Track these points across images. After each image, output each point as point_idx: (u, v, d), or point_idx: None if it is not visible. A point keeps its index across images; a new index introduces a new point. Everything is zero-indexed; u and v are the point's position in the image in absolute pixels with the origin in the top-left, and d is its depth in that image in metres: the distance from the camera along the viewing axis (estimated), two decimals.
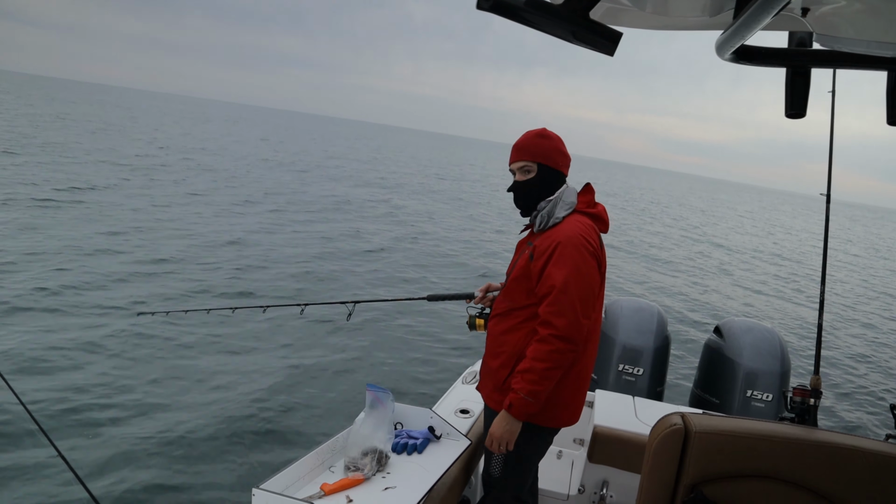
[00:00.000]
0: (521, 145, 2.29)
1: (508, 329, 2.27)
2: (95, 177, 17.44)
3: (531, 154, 2.26)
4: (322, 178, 26.83)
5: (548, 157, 2.26)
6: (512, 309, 2.27)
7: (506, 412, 2.12)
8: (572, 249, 2.09)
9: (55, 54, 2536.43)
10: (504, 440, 2.14)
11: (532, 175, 2.26)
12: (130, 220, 12.56)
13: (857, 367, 9.67)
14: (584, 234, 2.15)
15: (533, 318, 2.19)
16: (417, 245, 14.25)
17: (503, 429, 2.13)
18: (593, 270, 2.13)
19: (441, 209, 21.83)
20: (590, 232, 2.18)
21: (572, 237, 2.11)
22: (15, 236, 10.01)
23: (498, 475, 2.33)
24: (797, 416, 2.26)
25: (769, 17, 0.78)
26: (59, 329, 6.56)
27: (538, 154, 2.26)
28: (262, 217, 15.14)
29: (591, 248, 2.13)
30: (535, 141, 2.28)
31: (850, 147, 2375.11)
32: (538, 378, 2.04)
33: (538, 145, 2.27)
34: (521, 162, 2.27)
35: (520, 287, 2.24)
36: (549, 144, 2.28)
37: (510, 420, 2.12)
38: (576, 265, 2.08)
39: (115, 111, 62.50)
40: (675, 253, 19.57)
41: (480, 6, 0.88)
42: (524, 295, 2.22)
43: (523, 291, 2.22)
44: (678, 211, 37.82)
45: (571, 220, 2.19)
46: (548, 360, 2.04)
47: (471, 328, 2.64)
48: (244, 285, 9.07)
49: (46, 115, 40.21)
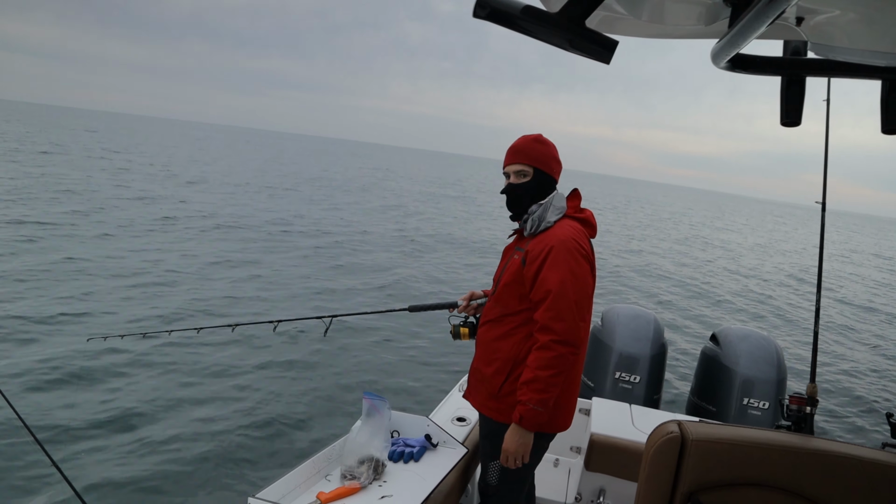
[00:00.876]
0: (519, 148, 2.29)
1: (501, 335, 2.26)
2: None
3: (528, 158, 2.27)
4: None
5: (543, 163, 2.27)
6: (504, 315, 2.26)
7: (517, 426, 2.10)
8: (566, 253, 2.10)
9: (59, 83, 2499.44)
10: (519, 454, 2.12)
11: (528, 179, 2.26)
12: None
13: (854, 375, 9.68)
14: (576, 237, 2.16)
15: (526, 323, 2.19)
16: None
17: (517, 443, 2.11)
18: (587, 274, 2.15)
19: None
20: (581, 236, 2.20)
21: (565, 241, 2.12)
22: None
23: (495, 483, 2.31)
24: (793, 424, 2.26)
25: (764, 26, 0.79)
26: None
27: (534, 158, 2.26)
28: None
29: (583, 252, 2.15)
30: (533, 145, 2.29)
31: (850, 156, 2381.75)
32: (544, 386, 2.03)
33: (535, 150, 2.28)
34: (518, 165, 2.27)
35: (511, 292, 2.23)
36: (546, 150, 2.29)
37: (522, 433, 2.10)
38: (570, 269, 2.08)
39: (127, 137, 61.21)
40: (671, 261, 19.62)
41: (477, 14, 0.88)
42: (516, 300, 2.22)
43: (515, 297, 2.22)
44: (673, 221, 37.93)
45: (563, 225, 2.20)
46: (552, 366, 2.03)
47: (455, 338, 2.61)
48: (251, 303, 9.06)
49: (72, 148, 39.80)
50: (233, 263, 11.18)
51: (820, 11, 1.03)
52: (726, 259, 22.58)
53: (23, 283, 8.34)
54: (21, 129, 50.87)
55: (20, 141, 36.57)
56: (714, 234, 33.53)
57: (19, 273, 8.83)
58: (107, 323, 7.27)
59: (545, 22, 0.89)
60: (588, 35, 0.90)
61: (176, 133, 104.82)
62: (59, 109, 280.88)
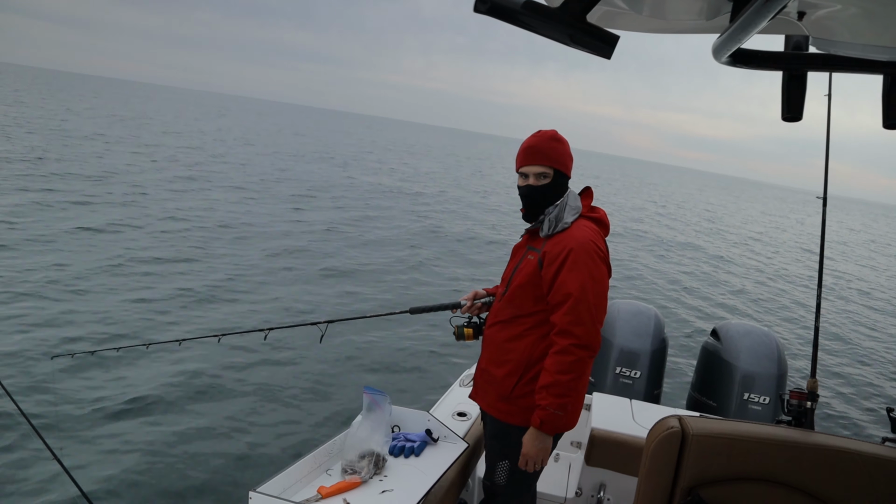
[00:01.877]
0: (538, 149, 2.21)
1: (514, 336, 2.23)
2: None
3: (548, 159, 2.20)
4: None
5: (562, 163, 2.22)
6: (517, 316, 2.23)
7: (536, 430, 2.09)
8: (585, 256, 2.07)
9: (74, 49, 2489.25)
10: (539, 458, 2.13)
11: (548, 181, 2.20)
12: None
13: (854, 370, 9.69)
14: (594, 239, 2.14)
15: (541, 325, 2.17)
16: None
17: (537, 447, 2.11)
18: (605, 276, 2.13)
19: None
20: (598, 237, 2.17)
21: (584, 243, 2.09)
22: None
23: (503, 483, 2.29)
24: (794, 418, 2.27)
25: (765, 21, 0.79)
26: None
27: (554, 160, 2.20)
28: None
29: (601, 254, 2.13)
30: (552, 145, 2.22)
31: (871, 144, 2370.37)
32: (565, 391, 2.03)
33: (555, 150, 2.21)
34: (539, 167, 2.20)
35: (526, 294, 2.20)
36: (564, 149, 2.24)
37: (543, 437, 2.10)
38: (590, 272, 2.07)
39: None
40: (673, 253, 19.61)
41: (477, 9, 0.88)
42: (531, 302, 2.19)
43: (530, 298, 2.19)
44: (679, 208, 37.88)
45: (580, 226, 2.17)
46: (571, 370, 2.02)
47: (458, 338, 2.57)
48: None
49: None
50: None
51: (821, 6, 1.03)
52: (734, 252, 22.56)
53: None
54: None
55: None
56: (724, 221, 33.49)
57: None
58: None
59: (546, 17, 0.89)
60: (589, 30, 0.90)
61: (213, 105, 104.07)
62: (91, 78, 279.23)
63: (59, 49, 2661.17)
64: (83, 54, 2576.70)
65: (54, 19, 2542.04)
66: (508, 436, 2.25)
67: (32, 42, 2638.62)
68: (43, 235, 10.29)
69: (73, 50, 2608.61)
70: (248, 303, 8.53)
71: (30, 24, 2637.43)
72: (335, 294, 9.57)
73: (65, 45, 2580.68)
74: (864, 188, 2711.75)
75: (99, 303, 7.67)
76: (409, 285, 10.80)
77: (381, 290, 10.12)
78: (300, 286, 9.72)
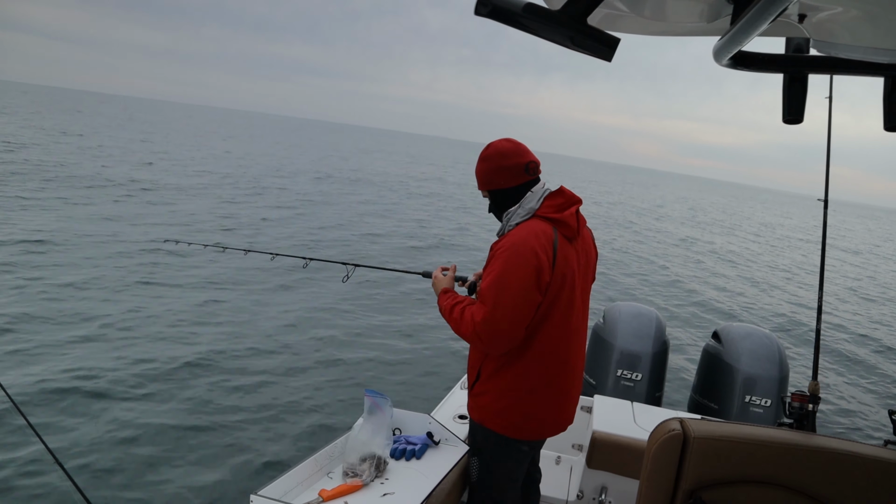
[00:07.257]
0: (475, 173, 2.36)
1: None
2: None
3: (480, 183, 2.35)
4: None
5: (489, 182, 2.29)
6: None
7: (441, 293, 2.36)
8: (508, 253, 2.09)
9: (82, 67, 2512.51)
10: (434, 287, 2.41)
11: (489, 200, 2.36)
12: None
13: (856, 372, 9.67)
14: (528, 238, 2.09)
15: None
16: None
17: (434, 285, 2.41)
18: (525, 271, 2.05)
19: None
20: (538, 237, 2.10)
21: (515, 243, 2.10)
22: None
23: (475, 479, 2.38)
24: (795, 421, 2.26)
25: (766, 24, 0.79)
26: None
27: (482, 182, 2.33)
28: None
29: (530, 253, 2.06)
30: (479, 168, 2.32)
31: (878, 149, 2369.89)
32: (447, 317, 2.24)
33: (481, 172, 2.32)
34: (481, 191, 2.37)
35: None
36: (486, 167, 2.29)
37: (437, 287, 2.39)
38: (505, 268, 2.07)
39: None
40: (674, 256, 19.60)
41: (478, 12, 0.88)
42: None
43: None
44: (681, 213, 37.89)
45: (522, 227, 2.17)
46: (459, 328, 2.17)
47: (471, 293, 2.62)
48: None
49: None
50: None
51: (822, 8, 1.03)
52: (734, 252, 22.55)
53: None
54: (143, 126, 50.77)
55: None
56: (725, 222, 33.52)
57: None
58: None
59: (547, 19, 0.89)
60: (590, 32, 0.90)
61: (217, 120, 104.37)
62: (98, 95, 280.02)
63: (77, 67, 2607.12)
64: (92, 72, 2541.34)
65: (67, 39, 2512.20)
66: (475, 433, 2.36)
67: (53, 62, 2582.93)
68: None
69: (86, 68, 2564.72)
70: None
71: (49, 45, 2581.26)
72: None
73: (77, 63, 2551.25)
74: (869, 194, 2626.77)
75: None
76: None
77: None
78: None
